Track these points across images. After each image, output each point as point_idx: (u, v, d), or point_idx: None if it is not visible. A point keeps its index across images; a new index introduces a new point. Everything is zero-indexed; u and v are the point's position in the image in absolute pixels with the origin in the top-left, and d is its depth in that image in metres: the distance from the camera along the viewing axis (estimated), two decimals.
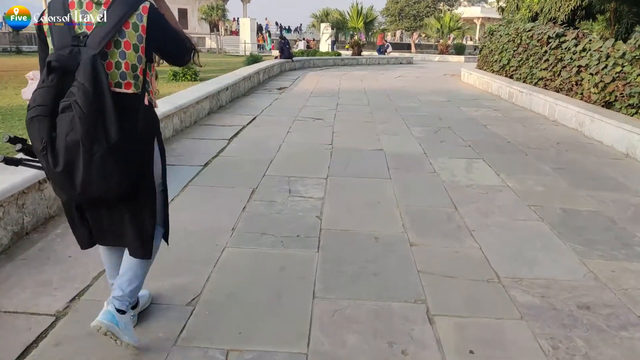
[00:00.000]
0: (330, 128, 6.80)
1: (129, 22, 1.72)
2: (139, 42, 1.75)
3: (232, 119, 7.20)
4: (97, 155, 1.63)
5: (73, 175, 1.65)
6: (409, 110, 8.77)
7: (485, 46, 14.24)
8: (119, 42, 1.71)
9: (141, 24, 1.74)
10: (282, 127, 6.73)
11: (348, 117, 7.82)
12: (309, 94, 10.68)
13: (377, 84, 13.59)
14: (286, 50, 16.41)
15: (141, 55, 1.78)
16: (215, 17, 30.46)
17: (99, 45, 1.66)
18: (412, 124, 7.36)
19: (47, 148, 1.62)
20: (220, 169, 4.69)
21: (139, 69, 1.79)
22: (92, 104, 1.59)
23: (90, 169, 1.63)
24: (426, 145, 5.88)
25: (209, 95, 7.32)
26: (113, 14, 1.70)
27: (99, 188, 1.69)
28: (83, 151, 1.61)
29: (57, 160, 1.62)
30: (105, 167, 1.65)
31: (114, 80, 1.74)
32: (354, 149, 5.62)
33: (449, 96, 11.02)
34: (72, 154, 1.61)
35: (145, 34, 1.75)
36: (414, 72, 19.13)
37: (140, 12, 1.74)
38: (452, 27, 32.25)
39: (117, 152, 1.67)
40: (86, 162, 1.62)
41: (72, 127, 1.59)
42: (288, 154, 5.26)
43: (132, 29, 1.73)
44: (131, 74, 1.77)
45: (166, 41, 1.85)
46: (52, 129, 1.62)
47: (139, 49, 1.76)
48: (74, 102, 1.58)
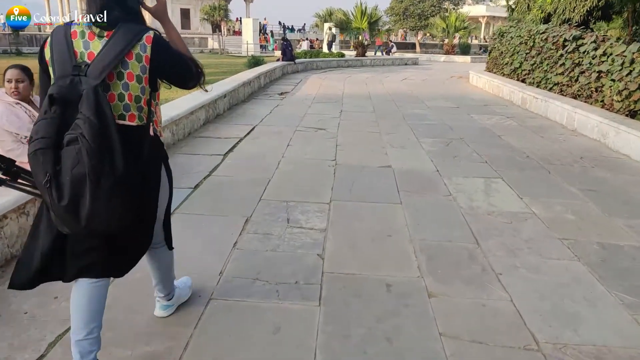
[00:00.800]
0: (334, 140, 6.33)
1: (132, 53, 1.67)
2: (142, 72, 1.71)
3: (229, 130, 6.74)
4: (105, 188, 1.58)
5: (78, 209, 1.59)
6: (416, 118, 8.29)
7: (495, 48, 13.74)
8: (121, 74, 1.67)
9: (145, 55, 1.69)
10: (282, 139, 6.27)
11: (352, 126, 7.35)
12: (312, 99, 10.21)
13: (382, 88, 13.11)
14: (288, 52, 15.95)
15: (145, 85, 1.73)
16: (217, 17, 30.04)
17: (100, 75, 1.61)
18: (421, 134, 6.88)
19: (52, 181, 1.56)
20: (211, 192, 4.23)
21: (142, 99, 1.75)
22: (99, 137, 1.54)
23: (96, 203, 1.58)
24: (438, 161, 5.40)
25: (204, 105, 6.86)
26: (115, 44, 1.65)
27: (102, 222, 1.63)
28: (90, 185, 1.56)
29: (62, 194, 1.57)
30: (111, 200, 1.61)
31: (117, 113, 1.69)
32: (360, 165, 5.15)
33: (458, 101, 10.53)
34: (78, 187, 1.56)
35: (149, 64, 1.71)
36: (420, 74, 18.63)
37: (144, 43, 1.69)
38: (458, 26, 31.71)
39: (122, 186, 1.62)
40: (93, 196, 1.57)
41: (79, 160, 1.54)
42: (287, 173, 4.79)
43: (135, 59, 1.68)
44: (135, 105, 1.73)
45: (172, 68, 1.81)
46: (56, 162, 1.56)
47: (143, 80, 1.72)
48: (80, 135, 1.53)
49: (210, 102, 7.20)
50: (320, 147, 5.93)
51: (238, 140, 6.09)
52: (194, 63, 1.85)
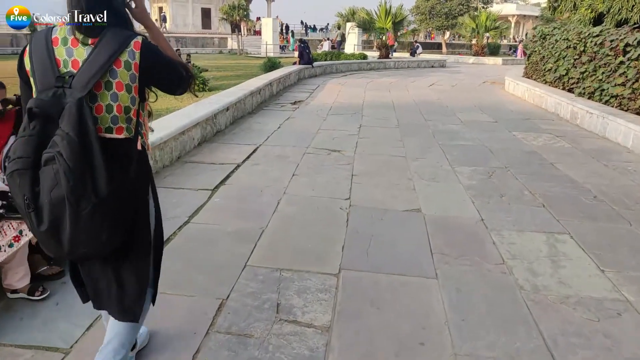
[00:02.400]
0: (349, 167, 5.22)
1: (121, 61, 1.55)
2: (132, 81, 1.58)
3: (227, 152, 5.69)
4: (86, 212, 1.46)
5: (59, 234, 1.49)
6: (448, 135, 7.11)
7: (535, 52, 12.39)
8: (110, 83, 1.54)
9: (134, 62, 1.57)
10: (287, 165, 5.19)
11: (373, 147, 6.22)
12: (327, 110, 9.10)
13: (408, 96, 11.91)
14: (306, 55, 14.87)
15: (134, 95, 1.61)
16: (236, 16, 29.14)
17: (86, 86, 1.49)
18: (456, 160, 5.71)
19: (30, 205, 1.46)
20: (183, 252, 3.16)
21: (132, 110, 1.62)
22: (78, 156, 1.41)
23: (77, 228, 1.47)
24: (481, 203, 4.24)
25: (201, 121, 5.83)
26: (102, 51, 1.53)
27: (87, 247, 1.53)
28: (69, 208, 1.45)
29: (41, 218, 1.47)
30: (94, 224, 1.49)
31: (104, 125, 1.57)
32: (381, 208, 4.03)
33: (495, 114, 9.28)
34: (58, 211, 1.46)
35: (138, 72, 1.58)
36: (449, 78, 17.32)
37: (132, 49, 1.57)
38: (489, 26, 30.11)
39: (107, 207, 1.50)
40: (73, 221, 1.46)
41: (57, 181, 1.43)
42: (287, 220, 3.71)
43: (124, 67, 1.55)
44: (123, 117, 1.61)
45: (162, 74, 1.69)
46: (34, 183, 1.46)
47: (132, 89, 1.60)
48: (57, 154, 1.40)
49: (209, 118, 6.17)
50: (333, 178, 4.83)
51: (235, 167, 5.03)
52: (183, 67, 1.72)
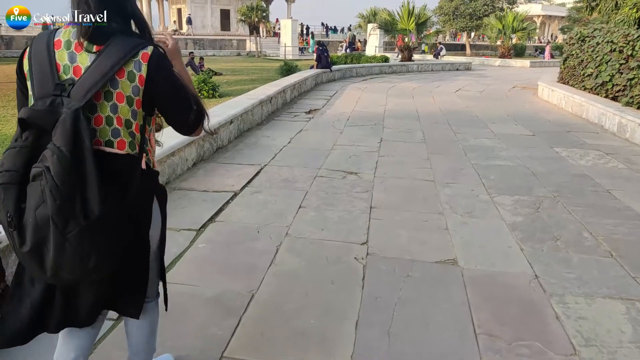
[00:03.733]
0: (367, 196, 4.40)
1: (124, 70, 1.40)
2: (134, 94, 1.43)
3: (225, 176, 4.91)
4: (72, 234, 1.30)
5: (43, 257, 1.34)
6: (482, 153, 6.22)
7: (572, 55, 11.35)
8: (110, 94, 1.41)
9: (139, 74, 1.42)
10: (293, 194, 4.39)
11: (395, 168, 5.38)
12: (345, 120, 8.28)
13: (433, 103, 11.01)
14: (324, 58, 14.05)
15: (136, 109, 1.46)
16: (255, 18, 28.51)
17: (85, 96, 1.36)
18: (495, 186, 4.84)
19: (12, 223, 1.33)
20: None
21: (134, 125, 1.48)
22: (68, 173, 1.28)
23: (62, 251, 1.32)
24: (533, 252, 3.38)
25: (196, 139, 5.08)
26: (105, 59, 1.39)
27: (73, 272, 1.37)
28: (54, 230, 1.30)
29: (23, 238, 1.34)
30: (81, 249, 1.33)
31: (104, 139, 1.44)
32: (406, 259, 3.19)
33: (531, 125, 8.33)
34: (43, 232, 1.31)
35: (143, 85, 1.43)
36: (476, 83, 16.31)
37: (139, 60, 1.42)
38: (516, 27, 28.86)
39: (98, 230, 1.34)
40: (57, 243, 1.31)
41: (43, 199, 1.29)
42: (285, 279, 2.90)
43: (127, 78, 1.41)
44: (125, 131, 1.46)
45: (167, 95, 1.49)
46: (21, 199, 1.34)
47: (134, 102, 1.44)
48: (45, 170, 1.28)
49: (207, 134, 5.40)
50: (347, 211, 4.01)
51: (231, 197, 4.25)
52: (195, 101, 1.52)
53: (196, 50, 30.50)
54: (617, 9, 11.11)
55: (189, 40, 32.23)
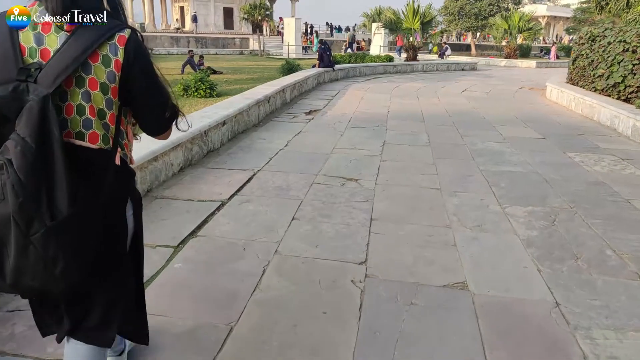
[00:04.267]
0: (368, 206, 4.04)
1: (98, 54, 1.28)
2: (109, 80, 1.31)
3: (213, 183, 4.55)
4: (36, 236, 1.17)
5: (2, 262, 1.22)
6: (491, 157, 5.84)
7: (582, 55, 10.94)
8: (82, 79, 1.29)
9: (115, 58, 1.30)
10: (286, 204, 4.03)
11: (398, 174, 5.01)
12: (347, 121, 7.91)
13: (438, 104, 10.62)
14: (326, 57, 13.68)
15: (112, 98, 1.33)
16: (257, 16, 28.13)
17: (54, 81, 1.22)
18: (506, 195, 4.46)
19: None
20: None
21: (108, 115, 1.35)
22: (33, 167, 1.15)
23: (24, 255, 1.18)
24: (552, 274, 3.00)
25: (184, 142, 4.72)
26: (77, 41, 1.26)
27: (35, 280, 1.22)
28: (15, 230, 1.16)
29: None
30: (46, 252, 1.19)
31: (75, 130, 1.32)
32: (410, 282, 2.83)
33: (541, 127, 7.93)
34: (2, 233, 1.18)
35: (120, 72, 1.31)
36: (482, 83, 15.90)
37: (115, 43, 1.30)
38: (522, 27, 28.39)
39: (67, 232, 1.21)
40: (19, 247, 1.17)
41: (4, 196, 1.15)
42: (270, 308, 2.53)
43: (101, 62, 1.29)
44: (98, 122, 1.33)
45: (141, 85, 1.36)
46: None
47: (109, 90, 1.32)
48: (7, 162, 1.15)
49: (197, 136, 5.06)
50: (345, 224, 3.64)
51: (217, 207, 3.88)
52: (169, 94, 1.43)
53: (198, 48, 30.20)
54: (628, 8, 10.69)
55: (191, 38, 31.92)
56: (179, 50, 27.99)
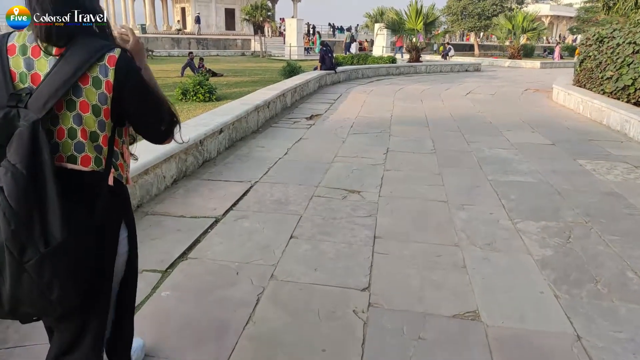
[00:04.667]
0: (371, 222, 3.81)
1: (88, 76, 1.27)
2: (101, 102, 1.30)
3: (208, 197, 4.33)
4: (30, 263, 1.16)
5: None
6: (499, 166, 5.60)
7: (589, 57, 10.69)
8: (72, 103, 1.28)
9: (105, 80, 1.29)
10: (284, 220, 3.80)
11: (403, 185, 4.79)
12: (349, 127, 7.68)
13: (442, 107, 10.39)
14: (328, 59, 13.45)
15: (104, 119, 1.32)
16: (259, 17, 27.94)
17: (44, 106, 1.22)
18: (516, 208, 4.23)
19: None
20: None
21: (101, 137, 1.34)
22: (25, 193, 1.15)
23: (19, 283, 1.17)
24: (570, 300, 2.77)
25: (177, 152, 4.50)
26: (67, 64, 1.25)
27: (32, 307, 1.22)
28: (9, 258, 1.15)
29: None
30: (42, 279, 1.18)
31: (67, 154, 1.31)
32: (417, 312, 2.60)
33: (549, 132, 7.69)
34: None
35: (111, 93, 1.30)
36: (486, 85, 15.65)
37: (106, 64, 1.29)
38: (526, 27, 28.11)
39: (60, 258, 1.20)
40: (14, 274, 1.16)
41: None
42: (263, 346, 2.31)
43: (92, 85, 1.28)
44: (91, 145, 1.32)
45: (137, 103, 1.36)
46: None
47: (101, 112, 1.31)
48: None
49: (191, 146, 4.84)
50: (347, 243, 3.42)
51: (211, 225, 3.66)
52: (168, 110, 1.42)
53: (199, 50, 30.06)
54: (637, 8, 10.43)
55: (192, 39, 31.75)
56: (180, 52, 27.84)
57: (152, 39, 30.00)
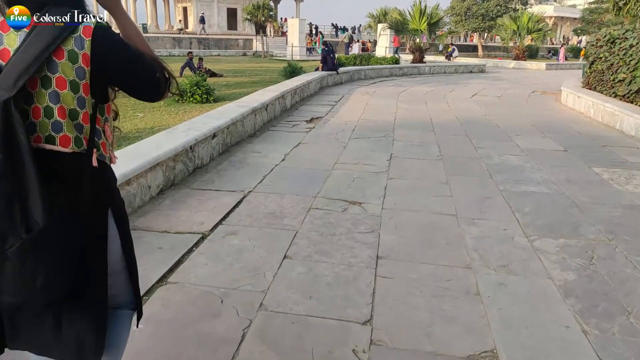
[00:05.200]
0: (373, 238, 3.47)
1: (63, 50, 1.17)
2: (79, 77, 1.20)
3: (195, 209, 3.99)
4: (12, 250, 1.11)
5: None
6: (510, 174, 5.25)
7: (600, 58, 10.33)
8: (48, 79, 1.19)
9: (82, 52, 1.19)
10: (278, 236, 3.46)
11: (408, 196, 4.44)
12: (350, 131, 7.34)
13: (448, 110, 10.04)
14: (330, 60, 13.11)
15: (84, 96, 1.23)
16: (260, 17, 27.59)
17: (14, 84, 1.13)
18: (532, 223, 3.88)
19: None
20: None
21: (81, 115, 1.24)
22: (2, 178, 1.10)
23: (2, 271, 1.12)
24: (600, 336, 2.42)
25: (163, 160, 4.16)
26: (38, 37, 1.17)
27: (16, 296, 1.16)
28: None
29: None
30: (25, 266, 1.13)
31: (44, 134, 1.22)
32: (427, 351, 2.25)
33: (560, 138, 7.33)
34: None
35: (89, 65, 1.20)
36: (492, 87, 15.28)
37: (81, 35, 1.19)
38: (532, 28, 27.72)
39: (43, 244, 1.14)
40: None
41: None
42: None
43: (67, 59, 1.18)
44: (70, 124, 1.23)
45: (125, 72, 1.28)
46: None
47: (80, 88, 1.21)
48: None
49: (179, 153, 4.50)
50: (346, 264, 3.08)
51: (197, 242, 3.32)
52: (158, 66, 1.30)
53: (201, 50, 29.77)
54: None
55: (194, 39, 31.45)
56: (181, 52, 27.50)
57: (153, 39, 29.70)
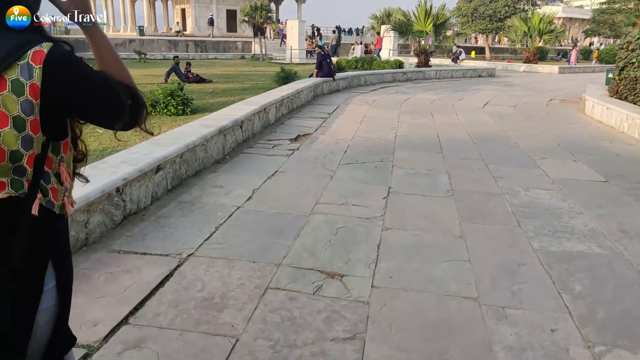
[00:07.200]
0: (354, 352, 2.23)
1: (5, 80, 0.99)
2: (26, 113, 1.02)
3: (101, 292, 2.76)
4: None
5: None
6: (544, 221, 3.99)
7: (632, 64, 9.04)
8: None
9: (30, 83, 1.01)
10: (205, 347, 2.23)
11: (409, 261, 3.20)
12: (341, 153, 6.09)
13: (458, 124, 8.78)
14: (326, 65, 11.85)
15: (32, 135, 1.04)
16: (259, 19, 26.41)
17: None
18: (589, 317, 2.63)
19: None
20: None
21: (25, 158, 1.05)
22: None
23: None
24: None
25: (74, 213, 2.95)
26: None
27: None
28: None
29: None
30: None
31: None
32: None
33: (595, 161, 6.06)
34: None
35: (39, 98, 1.02)
36: (505, 94, 13.97)
37: (29, 63, 1.01)
38: (543, 29, 26.40)
39: None
40: None
41: None
42: None
43: (10, 91, 1.00)
44: (8, 167, 1.04)
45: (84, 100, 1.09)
46: None
47: (27, 125, 1.03)
48: None
49: (98, 199, 3.28)
50: None
51: (127, 317, 2.12)
52: (129, 92, 1.12)
53: (197, 52, 28.64)
54: None
55: (190, 42, 30.34)
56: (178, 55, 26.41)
57: (148, 41, 28.61)
